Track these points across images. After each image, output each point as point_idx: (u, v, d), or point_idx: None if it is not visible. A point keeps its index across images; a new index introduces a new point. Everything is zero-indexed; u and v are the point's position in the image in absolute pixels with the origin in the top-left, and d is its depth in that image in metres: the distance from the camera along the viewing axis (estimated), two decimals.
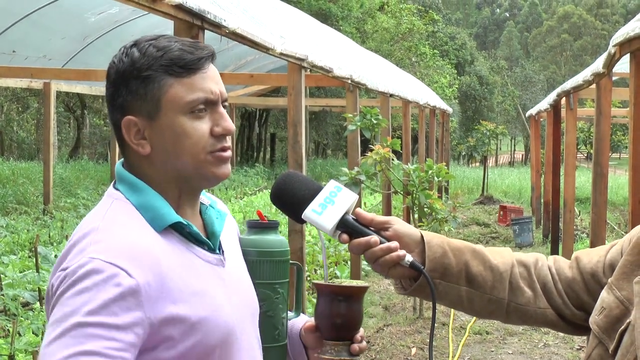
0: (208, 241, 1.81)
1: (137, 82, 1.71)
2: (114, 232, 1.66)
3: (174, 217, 1.74)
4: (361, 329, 1.94)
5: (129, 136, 1.74)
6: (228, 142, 1.79)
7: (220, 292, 1.77)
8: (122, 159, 1.82)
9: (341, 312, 1.88)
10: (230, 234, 1.96)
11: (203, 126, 1.74)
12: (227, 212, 2.01)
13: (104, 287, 1.54)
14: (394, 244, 1.84)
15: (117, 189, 1.79)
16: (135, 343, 1.56)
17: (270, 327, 1.97)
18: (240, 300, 1.83)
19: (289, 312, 2.09)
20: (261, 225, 2.01)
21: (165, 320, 1.62)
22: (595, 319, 1.80)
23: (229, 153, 1.79)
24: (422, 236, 1.91)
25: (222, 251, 1.85)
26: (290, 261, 2.06)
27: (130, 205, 1.74)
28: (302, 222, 1.88)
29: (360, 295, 1.91)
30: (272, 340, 1.98)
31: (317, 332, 1.94)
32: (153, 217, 1.72)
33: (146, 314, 1.59)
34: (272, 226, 2.01)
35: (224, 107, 1.80)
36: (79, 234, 1.69)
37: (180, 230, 1.76)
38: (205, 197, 1.93)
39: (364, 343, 1.92)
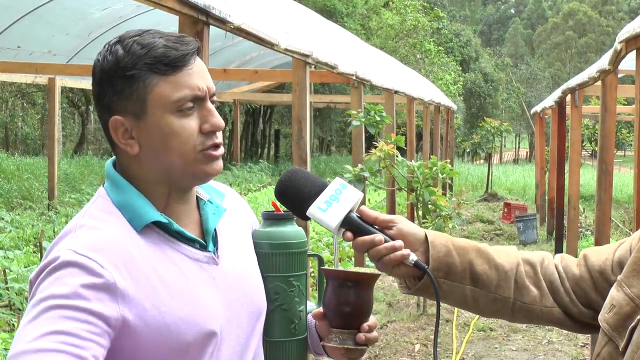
0: (197, 238, 1.78)
1: (122, 81, 1.68)
2: (91, 229, 1.66)
3: (152, 215, 1.71)
4: (372, 319, 1.90)
5: (116, 136, 1.72)
6: (219, 138, 1.76)
7: (206, 290, 1.74)
8: (114, 157, 1.81)
9: (348, 299, 1.84)
10: (235, 228, 1.93)
11: (191, 124, 1.71)
12: (236, 204, 1.99)
13: (78, 275, 1.55)
14: (399, 242, 1.83)
15: (104, 187, 1.79)
16: (108, 332, 1.56)
17: (286, 320, 1.95)
18: (234, 299, 1.80)
19: (311, 303, 2.07)
20: (275, 217, 1.98)
21: (137, 319, 1.61)
22: (604, 317, 1.79)
23: (220, 150, 1.77)
24: (426, 235, 1.90)
25: (217, 248, 1.82)
26: (309, 252, 2.03)
27: (111, 204, 1.73)
28: (307, 218, 1.86)
29: (369, 283, 1.88)
30: (289, 334, 1.96)
31: (324, 319, 1.90)
32: (131, 216, 1.71)
33: (120, 309, 1.58)
34: (287, 217, 1.98)
35: (213, 102, 1.76)
36: (61, 234, 1.70)
37: (164, 229, 1.74)
38: (207, 190, 1.90)
39: (374, 333, 1.88)
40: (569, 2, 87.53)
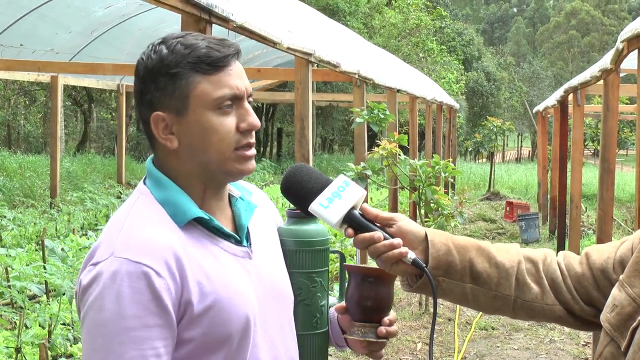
0: (233, 234, 1.85)
1: (166, 78, 1.76)
2: (140, 229, 1.72)
3: (195, 212, 1.78)
4: (393, 313, 1.98)
5: (157, 131, 1.79)
6: (253, 137, 1.84)
7: (244, 284, 1.81)
8: (152, 155, 1.87)
9: (370, 294, 1.94)
10: (263, 224, 2.00)
11: (229, 122, 1.78)
12: (261, 202, 2.05)
13: (138, 289, 1.64)
14: (397, 240, 1.85)
15: (145, 184, 1.85)
16: (174, 338, 1.69)
17: (308, 315, 2.03)
18: (265, 292, 1.87)
19: (333, 297, 2.14)
20: (299, 215, 2.05)
21: (188, 317, 1.70)
22: (607, 317, 1.79)
23: (253, 151, 1.84)
24: (426, 234, 1.92)
25: (250, 243, 1.89)
26: (332, 249, 2.11)
27: (155, 201, 1.79)
28: (309, 214, 1.90)
29: (389, 278, 1.96)
30: (312, 328, 2.04)
31: (346, 313, 2.00)
32: (175, 212, 1.77)
33: (176, 309, 1.68)
34: (311, 216, 2.02)
35: (249, 102, 1.84)
36: (108, 230, 1.77)
37: (204, 224, 1.80)
38: (237, 188, 1.97)
39: (394, 327, 1.97)
40: (572, 1, 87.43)
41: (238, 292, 1.77)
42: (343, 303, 2.01)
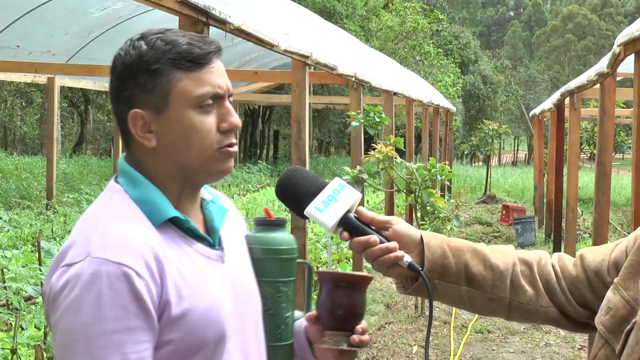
0: (207, 237, 1.80)
1: (145, 75, 1.70)
2: (115, 228, 1.65)
3: (172, 212, 1.73)
4: (364, 322, 1.92)
5: (135, 129, 1.73)
6: (235, 137, 1.79)
7: (219, 288, 1.76)
8: (125, 153, 1.81)
9: (342, 301, 1.87)
10: (232, 230, 1.94)
11: (210, 121, 1.73)
12: (230, 208, 1.99)
13: (119, 290, 1.57)
14: (393, 244, 1.85)
15: (117, 182, 1.78)
16: (155, 340, 1.63)
17: (273, 325, 1.96)
18: (238, 297, 1.82)
19: (298, 311, 2.08)
20: (267, 223, 2.00)
21: (165, 315, 1.64)
22: (601, 319, 1.80)
23: (235, 148, 1.79)
24: (421, 237, 1.92)
25: (222, 247, 1.85)
26: (299, 260, 2.04)
27: (129, 199, 1.73)
28: (305, 218, 1.88)
29: (362, 285, 1.90)
30: (276, 340, 1.97)
31: (318, 322, 1.93)
32: (151, 211, 1.72)
33: (156, 309, 1.62)
34: (278, 224, 1.99)
35: (230, 102, 1.79)
36: (80, 229, 1.69)
37: (179, 225, 1.75)
38: (208, 192, 1.92)
39: (366, 336, 1.90)
40: (568, 5, 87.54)
41: (213, 297, 1.73)
42: (314, 312, 1.94)
